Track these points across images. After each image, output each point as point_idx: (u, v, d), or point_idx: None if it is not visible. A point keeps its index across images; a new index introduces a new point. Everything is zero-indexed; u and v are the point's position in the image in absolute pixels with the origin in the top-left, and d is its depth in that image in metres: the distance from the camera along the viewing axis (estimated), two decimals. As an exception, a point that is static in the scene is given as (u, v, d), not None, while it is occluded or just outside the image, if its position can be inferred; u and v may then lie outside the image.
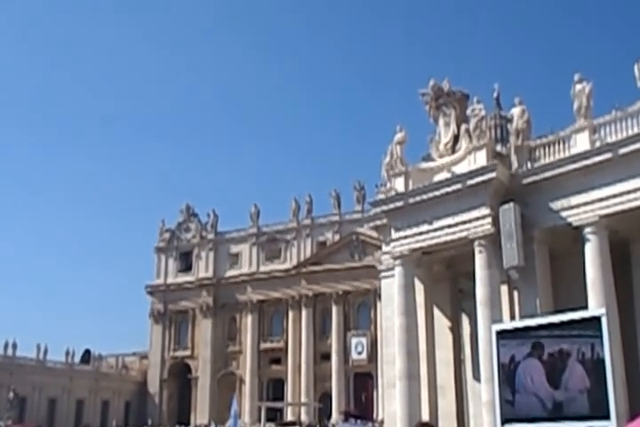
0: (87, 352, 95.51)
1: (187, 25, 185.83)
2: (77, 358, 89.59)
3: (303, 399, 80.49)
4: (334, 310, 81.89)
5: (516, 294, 34.98)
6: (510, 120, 37.35)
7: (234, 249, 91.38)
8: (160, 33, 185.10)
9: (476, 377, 35.38)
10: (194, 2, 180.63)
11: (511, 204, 33.38)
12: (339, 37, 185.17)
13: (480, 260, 34.35)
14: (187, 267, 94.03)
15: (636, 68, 31.70)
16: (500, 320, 29.70)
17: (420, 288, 38.86)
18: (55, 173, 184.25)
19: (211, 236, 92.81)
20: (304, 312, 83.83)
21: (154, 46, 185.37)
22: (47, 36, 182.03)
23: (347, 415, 65.94)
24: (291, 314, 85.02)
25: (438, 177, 37.55)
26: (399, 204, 38.05)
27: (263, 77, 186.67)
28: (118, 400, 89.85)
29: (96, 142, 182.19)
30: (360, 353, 78.63)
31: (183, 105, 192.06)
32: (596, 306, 27.90)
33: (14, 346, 77.05)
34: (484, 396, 31.66)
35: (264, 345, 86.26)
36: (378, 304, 69.07)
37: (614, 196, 31.16)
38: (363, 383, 79.20)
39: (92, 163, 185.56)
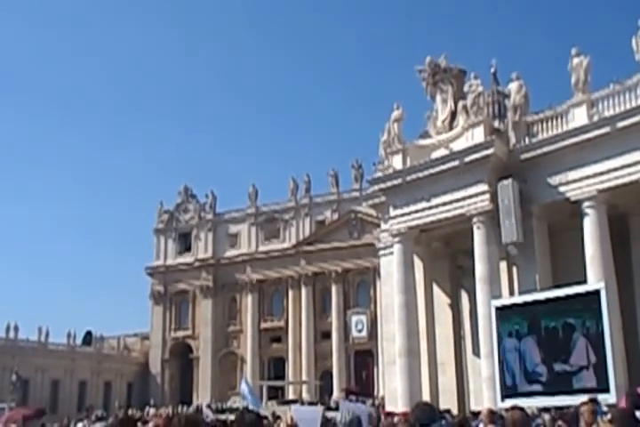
0: (88, 334, 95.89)
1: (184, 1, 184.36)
2: (79, 340, 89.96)
3: (304, 378, 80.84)
4: (334, 288, 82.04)
5: (514, 269, 35.05)
6: (508, 96, 37.17)
7: (233, 229, 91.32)
8: (159, 11, 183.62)
9: (476, 353, 35.56)
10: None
11: (509, 180, 33.34)
12: (336, 17, 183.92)
13: (479, 236, 34.38)
14: (186, 248, 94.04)
15: (633, 41, 31.47)
16: (500, 296, 29.79)
17: (418, 265, 38.93)
18: (53, 155, 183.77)
19: (209, 216, 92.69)
20: (304, 291, 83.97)
21: (154, 24, 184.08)
22: (47, 16, 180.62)
23: (347, 393, 66.51)
24: (290, 293, 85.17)
25: (436, 154, 37.46)
26: (397, 181, 38.00)
27: (260, 59, 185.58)
28: (120, 381, 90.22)
29: (93, 124, 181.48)
30: (360, 331, 78.91)
31: (181, 87, 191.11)
32: (595, 280, 27.95)
33: (16, 329, 77.21)
34: (484, 371, 31.82)
35: (264, 324, 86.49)
36: (377, 282, 69.11)
37: (612, 170, 31.11)
38: (363, 361, 79.56)
39: (89, 144, 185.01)
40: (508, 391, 12.62)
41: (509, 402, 11.50)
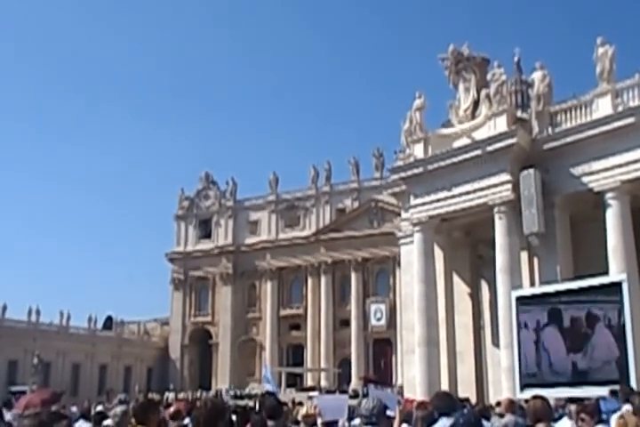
0: (109, 318, 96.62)
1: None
2: (100, 325, 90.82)
3: (323, 365, 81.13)
4: (353, 276, 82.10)
5: (535, 260, 34.92)
6: (531, 85, 36.91)
7: (253, 216, 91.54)
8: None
9: (495, 343, 35.51)
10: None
11: (531, 170, 33.16)
12: (359, 3, 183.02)
13: (500, 226, 34.24)
14: (206, 234, 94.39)
15: (660, 30, 31.13)
16: (520, 287, 29.71)
17: (439, 255, 38.88)
18: (76, 140, 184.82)
19: (230, 203, 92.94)
20: (323, 279, 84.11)
21: (169, 6, 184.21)
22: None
23: (366, 381, 66.67)
24: (310, 281, 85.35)
25: (458, 143, 37.29)
26: (418, 170, 37.91)
27: (281, 46, 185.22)
28: (140, 366, 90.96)
29: (113, 111, 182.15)
30: (379, 320, 79.01)
31: (203, 73, 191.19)
32: (616, 272, 27.80)
33: (38, 312, 77.96)
34: (504, 362, 31.76)
35: (283, 312, 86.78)
36: (397, 271, 69.11)
37: (636, 161, 30.86)
38: (382, 349, 79.69)
39: (109, 131, 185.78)
40: (527, 382, 12.62)
41: (528, 392, 11.49)
